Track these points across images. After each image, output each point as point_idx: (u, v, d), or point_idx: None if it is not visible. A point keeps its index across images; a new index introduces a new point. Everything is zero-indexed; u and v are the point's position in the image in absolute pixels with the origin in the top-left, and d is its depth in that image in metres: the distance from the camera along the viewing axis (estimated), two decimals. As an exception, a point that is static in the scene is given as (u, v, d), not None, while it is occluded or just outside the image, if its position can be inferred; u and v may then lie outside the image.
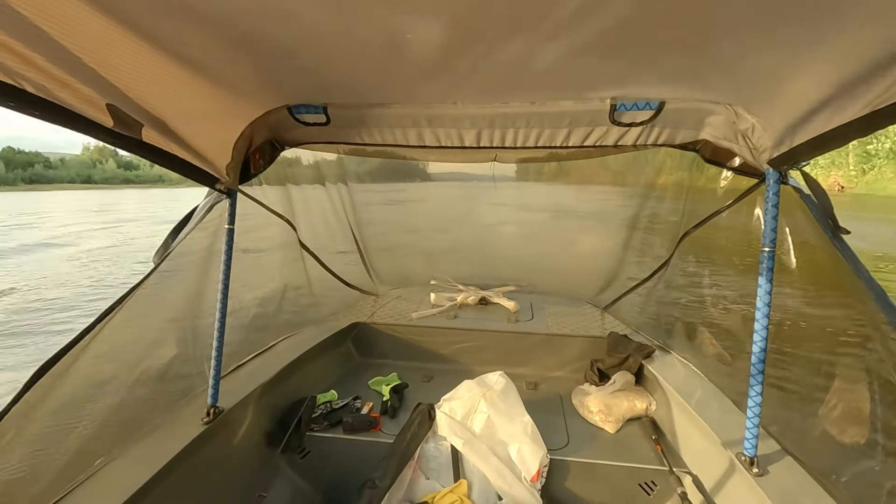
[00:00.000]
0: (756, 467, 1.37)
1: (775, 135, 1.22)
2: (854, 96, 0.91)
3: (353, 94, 1.48)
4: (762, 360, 1.35)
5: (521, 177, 3.12)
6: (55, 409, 1.23)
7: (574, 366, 2.50)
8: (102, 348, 1.33)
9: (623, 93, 1.37)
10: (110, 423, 1.36)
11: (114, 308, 1.34)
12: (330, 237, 2.87)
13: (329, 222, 2.85)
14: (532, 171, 3.17)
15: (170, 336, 1.64)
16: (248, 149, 1.61)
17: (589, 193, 3.01)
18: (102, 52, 0.91)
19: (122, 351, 1.45)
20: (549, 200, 3.35)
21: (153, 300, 1.51)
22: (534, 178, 3.23)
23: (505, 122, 1.54)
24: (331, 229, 2.87)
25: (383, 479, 1.55)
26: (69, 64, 0.88)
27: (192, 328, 1.70)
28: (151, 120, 1.14)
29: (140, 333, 1.52)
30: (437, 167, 3.05)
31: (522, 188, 3.31)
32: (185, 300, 1.68)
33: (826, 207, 1.28)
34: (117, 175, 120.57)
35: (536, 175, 3.22)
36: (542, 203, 3.45)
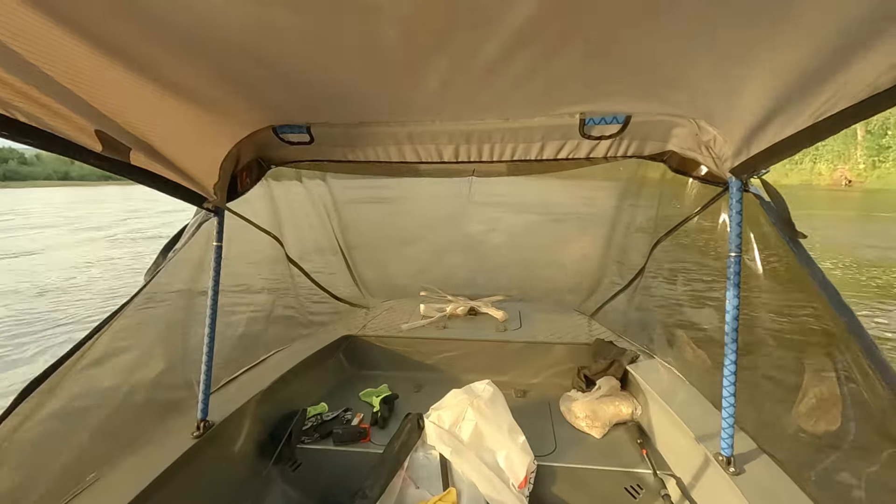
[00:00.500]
0: (733, 466, 1.41)
1: (734, 145, 1.29)
2: (799, 108, 0.98)
3: (335, 113, 1.54)
4: (734, 361, 1.40)
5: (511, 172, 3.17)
6: (45, 425, 1.25)
7: (562, 373, 2.53)
8: (92, 365, 1.36)
9: (591, 108, 1.44)
10: (101, 439, 1.38)
11: (104, 325, 1.37)
12: (317, 250, 2.91)
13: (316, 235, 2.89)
14: (523, 167, 3.22)
15: (160, 352, 1.67)
16: (234, 168, 1.66)
17: (580, 189, 3.06)
18: (91, 82, 0.96)
19: (113, 367, 1.47)
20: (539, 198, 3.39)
21: (144, 317, 1.54)
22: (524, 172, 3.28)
23: (481, 138, 1.61)
24: (318, 242, 2.91)
25: (373, 488, 1.57)
26: (60, 95, 0.92)
27: (182, 344, 1.73)
28: (139, 143, 1.18)
29: (130, 350, 1.55)
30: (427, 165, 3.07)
31: (514, 184, 3.34)
32: (175, 316, 1.71)
33: (783, 213, 1.35)
34: (95, 172, 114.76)
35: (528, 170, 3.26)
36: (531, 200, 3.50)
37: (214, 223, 1.68)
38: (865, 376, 1.09)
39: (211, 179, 1.57)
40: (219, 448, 1.67)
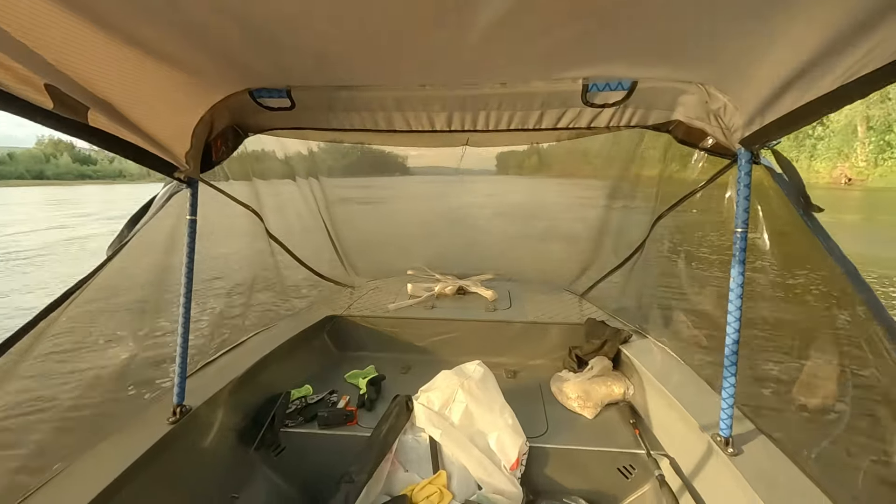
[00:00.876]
0: (731, 447, 1.38)
1: (746, 114, 1.21)
2: (824, 71, 0.90)
3: (317, 75, 1.42)
4: (736, 340, 1.36)
5: (501, 170, 3.11)
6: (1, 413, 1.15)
7: (553, 353, 2.50)
8: (51, 345, 1.25)
9: (595, 73, 1.34)
10: (65, 427, 1.29)
11: (61, 303, 1.25)
12: (302, 228, 2.79)
13: (301, 214, 2.78)
14: (512, 165, 3.16)
15: (129, 332, 1.57)
16: (208, 135, 1.54)
17: (569, 188, 3.01)
18: (32, 26, 0.83)
19: (75, 348, 1.37)
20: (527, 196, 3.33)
21: (108, 294, 1.43)
22: (514, 171, 3.22)
23: (476, 105, 1.51)
24: (302, 220, 2.80)
25: (360, 473, 1.52)
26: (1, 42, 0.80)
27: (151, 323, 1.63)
28: (97, 103, 1.05)
29: (94, 329, 1.44)
30: (415, 161, 2.99)
31: (505, 183, 3.29)
32: (146, 294, 1.60)
33: (798, 186, 1.29)
34: (72, 170, 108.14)
35: (517, 169, 3.21)
36: (519, 199, 3.44)
37: (187, 195, 1.56)
38: (881, 357, 1.05)
39: (182, 147, 1.45)
40: (197, 433, 1.59)
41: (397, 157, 2.98)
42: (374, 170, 3.07)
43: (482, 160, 2.67)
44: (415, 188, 3.42)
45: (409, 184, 3.36)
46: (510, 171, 3.17)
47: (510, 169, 3.15)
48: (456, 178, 2.88)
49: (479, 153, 2.48)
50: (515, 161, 3.06)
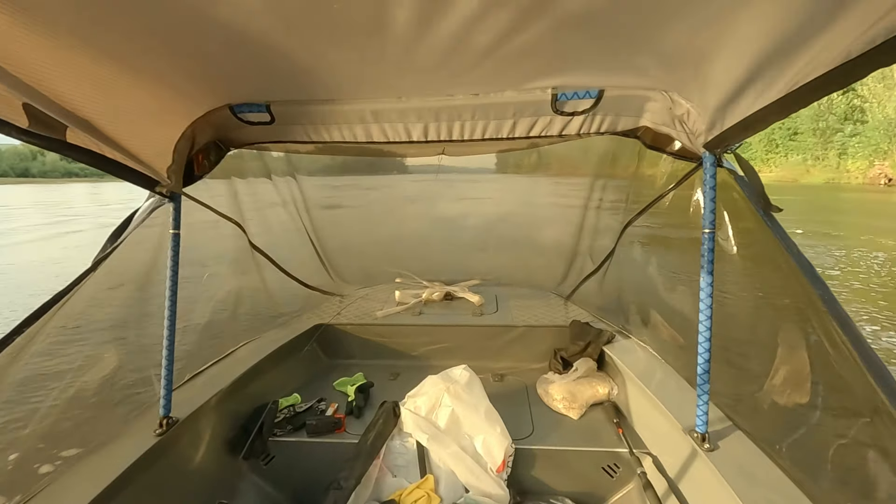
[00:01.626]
0: (707, 443, 1.42)
1: (708, 118, 1.26)
2: (771, 79, 0.95)
3: (295, 90, 1.45)
4: (708, 338, 1.40)
5: (500, 169, 3.13)
6: None
7: (539, 356, 2.53)
8: (30, 359, 1.26)
9: (563, 82, 1.39)
10: (49, 442, 1.29)
11: (39, 315, 1.26)
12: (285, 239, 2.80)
13: (284, 224, 2.79)
14: (511, 164, 3.17)
15: (112, 345, 1.57)
16: (190, 150, 1.56)
17: (556, 188, 3.03)
18: (6, 47, 0.85)
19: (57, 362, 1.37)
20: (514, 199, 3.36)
21: (91, 306, 1.44)
22: (513, 170, 3.23)
23: (451, 115, 1.55)
24: (285, 229, 2.80)
25: (348, 479, 1.53)
26: None
27: (136, 336, 1.64)
28: (76, 121, 1.07)
29: (76, 342, 1.44)
30: (414, 160, 2.97)
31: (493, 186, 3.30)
32: (129, 306, 1.62)
33: (757, 187, 1.34)
34: (58, 168, 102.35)
35: (515, 168, 3.22)
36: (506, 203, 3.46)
37: (170, 209, 1.58)
38: (837, 348, 1.09)
39: (164, 162, 1.47)
40: (184, 445, 1.60)
41: (395, 156, 2.97)
42: (371, 168, 3.06)
43: (483, 159, 2.68)
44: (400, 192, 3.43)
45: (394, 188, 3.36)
46: (509, 170, 3.19)
47: (509, 168, 3.17)
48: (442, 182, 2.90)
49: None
50: (514, 160, 3.07)
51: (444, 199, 3.18)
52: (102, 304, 1.52)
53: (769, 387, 1.36)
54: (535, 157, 2.95)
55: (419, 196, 3.24)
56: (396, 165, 3.01)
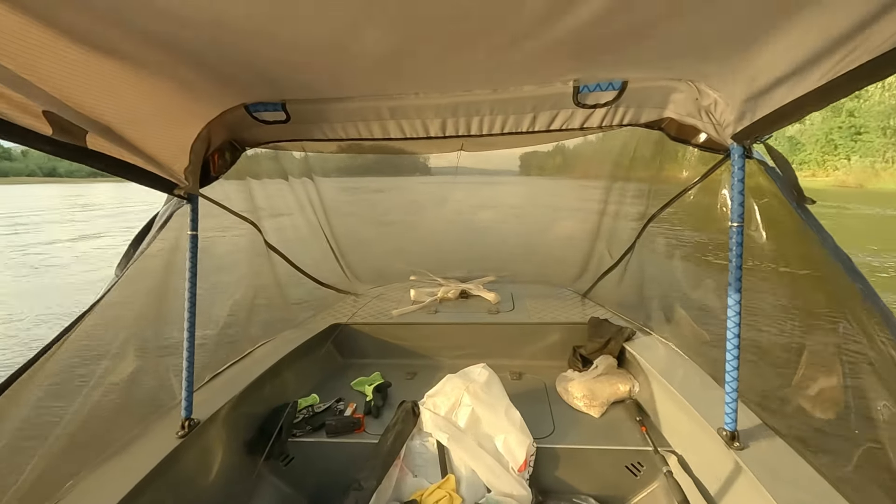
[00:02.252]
0: (737, 441, 1.38)
1: (737, 109, 1.22)
2: (812, 67, 0.91)
3: (311, 89, 1.44)
4: (737, 335, 1.36)
5: (524, 171, 3.11)
6: (13, 431, 1.17)
7: (557, 353, 2.50)
8: (63, 365, 1.27)
9: (585, 74, 1.36)
10: (76, 444, 1.30)
11: (75, 324, 1.27)
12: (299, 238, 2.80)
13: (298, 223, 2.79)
14: (534, 167, 3.15)
15: (136, 350, 1.58)
16: (206, 151, 1.55)
17: (573, 188, 3.00)
18: (27, 55, 0.85)
19: (85, 367, 1.38)
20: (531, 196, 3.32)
21: (116, 313, 1.45)
22: (536, 172, 3.20)
23: (469, 111, 1.53)
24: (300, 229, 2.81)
25: (369, 479, 1.53)
26: None
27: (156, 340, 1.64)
28: (95, 126, 1.07)
29: (104, 348, 1.46)
30: (437, 161, 2.95)
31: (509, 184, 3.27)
32: (150, 311, 1.62)
33: (790, 179, 1.29)
34: (83, 168, 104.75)
35: (539, 170, 3.20)
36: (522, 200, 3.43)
37: (188, 211, 1.58)
38: (875, 344, 1.05)
39: (181, 164, 1.46)
40: (206, 446, 1.60)
41: (413, 153, 2.95)
42: (394, 170, 3.06)
43: (504, 161, 2.66)
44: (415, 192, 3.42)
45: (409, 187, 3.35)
46: (532, 172, 3.17)
47: (532, 170, 3.15)
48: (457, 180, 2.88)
49: (502, 154, 2.47)
50: (538, 161, 3.04)
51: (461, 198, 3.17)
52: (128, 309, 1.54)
53: (803, 384, 1.32)
54: (559, 160, 2.92)
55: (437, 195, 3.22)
56: (419, 167, 3.00)
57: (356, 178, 3.07)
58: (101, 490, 1.25)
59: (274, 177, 2.48)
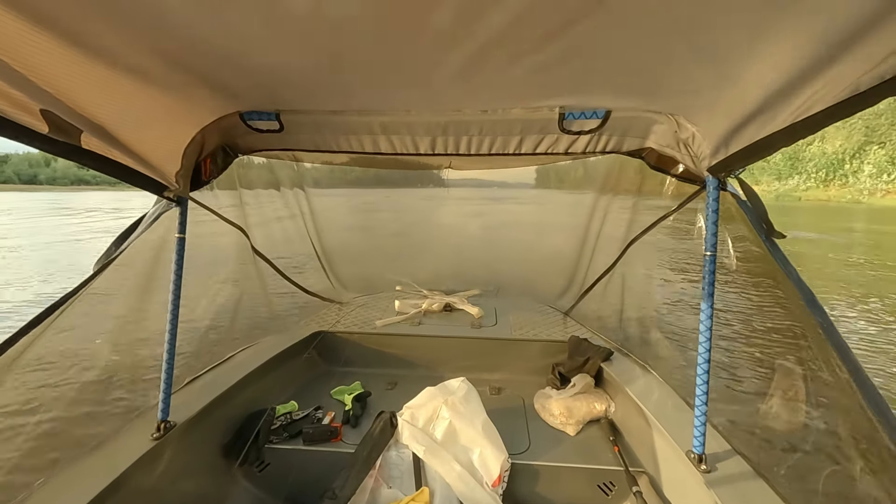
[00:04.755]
0: (704, 464, 1.42)
1: (713, 143, 1.28)
2: (779, 107, 0.97)
3: (306, 101, 1.47)
4: (707, 360, 1.41)
5: (540, 184, 3.14)
6: None
7: (536, 370, 2.53)
8: (33, 360, 1.26)
9: (571, 102, 1.41)
10: (46, 442, 1.29)
11: (46, 317, 1.26)
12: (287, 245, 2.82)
13: (286, 229, 2.81)
14: (553, 179, 3.18)
15: (113, 347, 1.57)
16: (198, 155, 1.57)
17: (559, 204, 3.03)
18: (33, 57, 0.87)
19: (58, 363, 1.37)
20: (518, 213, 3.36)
21: (93, 309, 1.44)
22: (555, 185, 3.23)
23: (458, 130, 1.57)
24: (287, 236, 2.82)
25: (343, 489, 1.53)
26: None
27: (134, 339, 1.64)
28: (91, 126, 1.09)
29: (79, 344, 1.45)
30: (452, 174, 2.96)
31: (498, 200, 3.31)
32: (130, 310, 1.62)
33: (760, 212, 1.35)
34: (68, 175, 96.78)
35: (558, 182, 3.22)
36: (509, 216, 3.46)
37: (176, 213, 1.59)
38: (836, 376, 1.10)
39: (172, 167, 1.48)
40: (181, 449, 1.59)
41: (432, 169, 2.97)
42: (407, 181, 3.10)
43: (519, 173, 2.68)
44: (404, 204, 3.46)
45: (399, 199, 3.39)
46: (551, 185, 3.20)
47: (551, 183, 3.18)
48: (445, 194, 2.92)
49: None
50: (556, 174, 3.06)
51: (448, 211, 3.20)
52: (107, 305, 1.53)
53: (766, 411, 1.37)
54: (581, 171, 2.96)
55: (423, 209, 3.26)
56: (435, 179, 3.03)
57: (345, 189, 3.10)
58: (70, 490, 1.24)
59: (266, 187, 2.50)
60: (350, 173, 3.01)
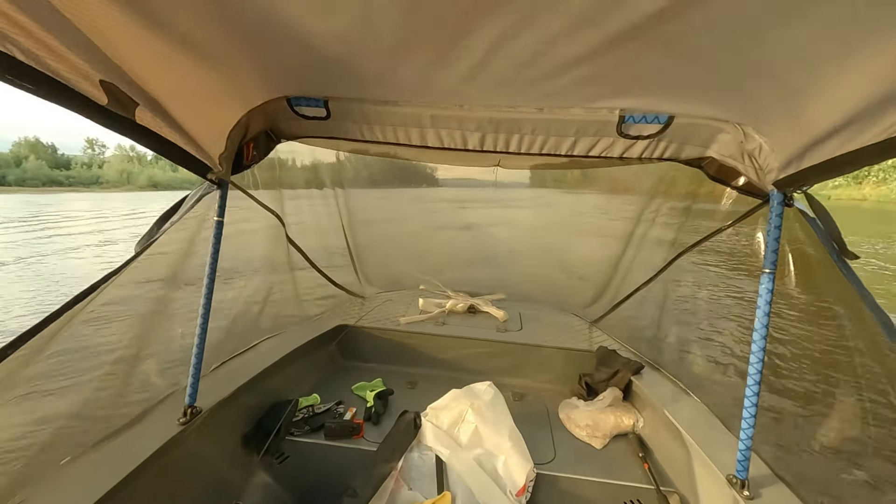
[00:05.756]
0: (747, 490, 1.35)
1: (784, 156, 1.21)
2: (873, 121, 0.90)
3: (356, 89, 1.44)
4: (758, 381, 1.34)
5: (535, 183, 3.08)
6: (12, 403, 1.15)
7: (561, 378, 2.47)
8: (70, 340, 1.25)
9: (633, 104, 1.36)
10: (78, 421, 1.28)
11: (85, 296, 1.25)
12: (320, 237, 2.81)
13: (320, 222, 2.80)
14: (549, 178, 3.11)
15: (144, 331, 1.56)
16: (242, 138, 1.56)
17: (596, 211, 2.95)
18: (100, 23, 0.86)
19: (93, 343, 1.36)
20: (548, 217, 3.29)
21: (130, 291, 1.43)
22: (552, 185, 3.16)
23: (511, 128, 1.52)
24: (322, 229, 2.81)
25: (364, 487, 1.49)
26: (65, 33, 0.82)
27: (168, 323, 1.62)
28: (146, 99, 1.08)
29: (114, 325, 1.44)
30: (445, 172, 2.96)
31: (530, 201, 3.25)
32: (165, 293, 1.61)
33: (832, 231, 1.28)
34: (40, 175, 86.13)
35: (556, 182, 3.15)
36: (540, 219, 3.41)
37: (216, 196, 1.58)
38: None
39: (217, 149, 1.47)
40: (205, 436, 1.57)
41: (426, 168, 2.97)
42: (399, 181, 3.08)
43: (513, 172, 2.64)
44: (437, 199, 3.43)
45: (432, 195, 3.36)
46: (548, 185, 3.13)
47: (548, 182, 3.11)
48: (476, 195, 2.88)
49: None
50: (552, 174, 2.99)
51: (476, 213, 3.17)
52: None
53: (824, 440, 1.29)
54: (577, 172, 2.89)
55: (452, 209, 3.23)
56: (428, 179, 3.02)
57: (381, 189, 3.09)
58: (97, 471, 1.23)
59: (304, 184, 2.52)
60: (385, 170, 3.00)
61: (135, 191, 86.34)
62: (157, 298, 1.57)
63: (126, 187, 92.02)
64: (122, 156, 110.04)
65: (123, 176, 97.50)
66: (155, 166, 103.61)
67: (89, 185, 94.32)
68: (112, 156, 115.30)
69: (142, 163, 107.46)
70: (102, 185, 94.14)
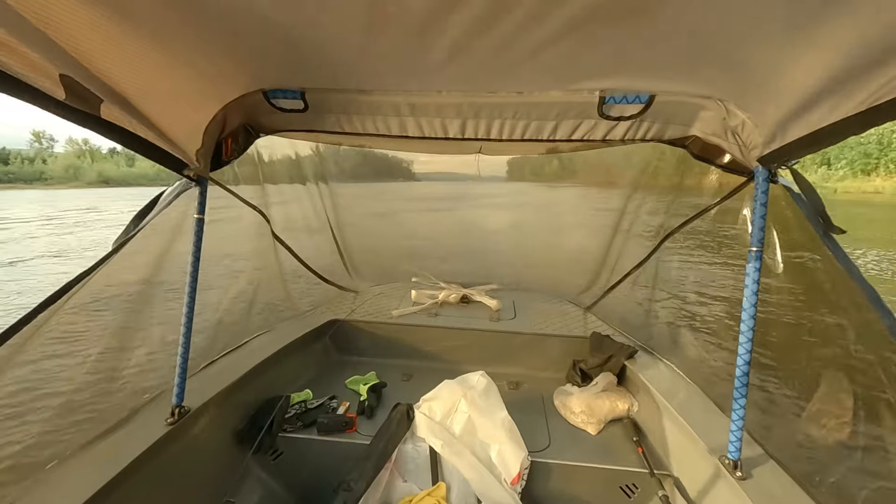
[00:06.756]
0: (740, 471, 1.35)
1: (767, 131, 1.19)
2: (854, 89, 0.88)
3: (332, 79, 1.41)
4: (748, 362, 1.33)
5: (513, 176, 3.06)
6: None
7: (556, 366, 2.47)
8: (49, 338, 1.23)
9: (612, 85, 1.33)
10: (61, 423, 1.27)
11: (62, 294, 1.23)
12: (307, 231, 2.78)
13: (306, 217, 2.77)
14: (528, 172, 3.09)
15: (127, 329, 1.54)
16: (220, 134, 1.53)
17: (583, 198, 2.93)
18: (57, 16, 0.83)
19: (73, 342, 1.34)
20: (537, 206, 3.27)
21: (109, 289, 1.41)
22: (530, 178, 3.14)
23: (491, 113, 1.50)
24: (308, 224, 2.79)
25: (359, 481, 1.49)
26: (15, 26, 0.79)
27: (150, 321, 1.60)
28: (112, 95, 1.04)
29: (94, 323, 1.41)
30: (421, 167, 2.96)
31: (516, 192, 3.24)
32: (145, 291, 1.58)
33: (817, 206, 1.26)
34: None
35: (534, 176, 3.13)
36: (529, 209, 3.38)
37: (195, 193, 1.55)
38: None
39: (194, 145, 1.43)
40: (195, 435, 1.56)
41: (402, 162, 2.96)
42: (376, 175, 3.06)
43: (490, 166, 2.62)
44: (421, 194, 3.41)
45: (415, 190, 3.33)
46: (527, 178, 3.11)
47: (526, 176, 3.09)
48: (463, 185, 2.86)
49: (486, 159, 2.45)
50: (531, 167, 2.97)
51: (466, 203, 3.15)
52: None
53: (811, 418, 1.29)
54: (556, 164, 2.87)
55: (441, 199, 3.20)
56: (404, 173, 3.01)
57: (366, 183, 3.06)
58: (84, 473, 1.22)
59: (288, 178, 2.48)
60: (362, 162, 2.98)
61: (83, 188, 78.93)
62: (136, 297, 1.55)
63: (73, 184, 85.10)
64: (73, 150, 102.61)
65: (70, 171, 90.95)
66: (109, 160, 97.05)
67: (31, 181, 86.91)
68: (63, 150, 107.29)
69: (94, 157, 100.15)
70: (46, 182, 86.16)
